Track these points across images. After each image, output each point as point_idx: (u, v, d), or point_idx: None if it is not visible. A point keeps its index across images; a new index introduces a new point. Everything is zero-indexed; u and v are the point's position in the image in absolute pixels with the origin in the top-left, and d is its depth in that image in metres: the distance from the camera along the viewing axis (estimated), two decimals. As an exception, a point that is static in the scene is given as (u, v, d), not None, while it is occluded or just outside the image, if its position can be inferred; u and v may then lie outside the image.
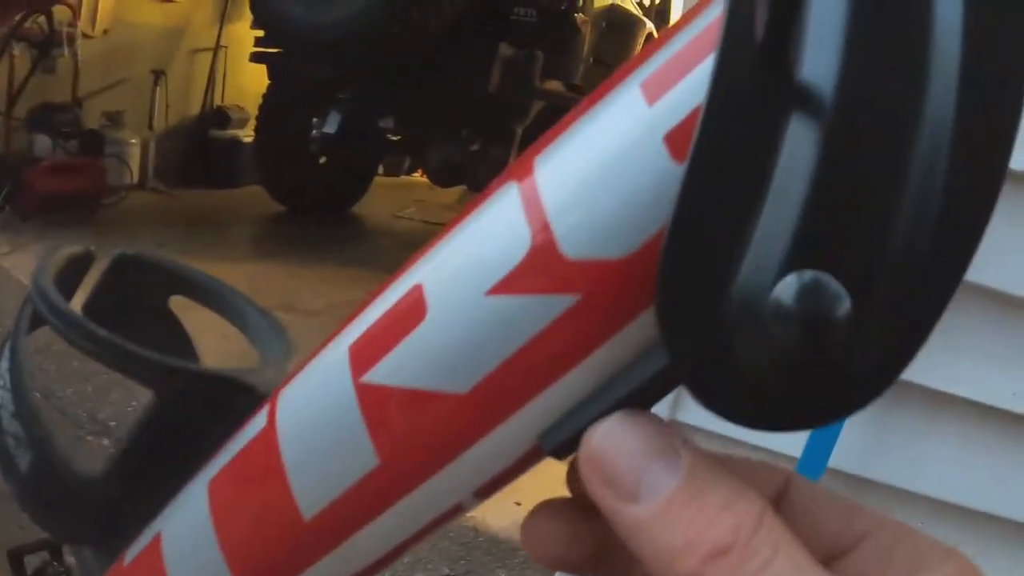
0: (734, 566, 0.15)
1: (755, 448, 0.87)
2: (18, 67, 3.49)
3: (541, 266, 0.17)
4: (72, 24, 3.49)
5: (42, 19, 3.55)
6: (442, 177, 3.93)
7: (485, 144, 3.47)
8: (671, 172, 0.16)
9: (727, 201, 0.15)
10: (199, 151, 4.37)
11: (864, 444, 0.88)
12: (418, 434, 0.19)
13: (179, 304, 0.40)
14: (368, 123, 3.48)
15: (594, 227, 0.17)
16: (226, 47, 4.42)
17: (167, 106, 4.18)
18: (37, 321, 0.32)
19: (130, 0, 3.91)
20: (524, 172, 0.19)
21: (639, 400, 0.17)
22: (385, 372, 0.20)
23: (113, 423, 1.76)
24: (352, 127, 3.40)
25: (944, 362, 0.86)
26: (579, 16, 3.49)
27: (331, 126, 3.39)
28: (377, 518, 0.21)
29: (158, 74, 4.12)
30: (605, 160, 0.17)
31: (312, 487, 0.21)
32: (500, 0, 3.33)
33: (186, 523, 0.25)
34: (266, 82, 3.84)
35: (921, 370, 0.81)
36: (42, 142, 3.41)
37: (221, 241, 3.49)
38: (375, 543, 0.21)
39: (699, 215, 0.15)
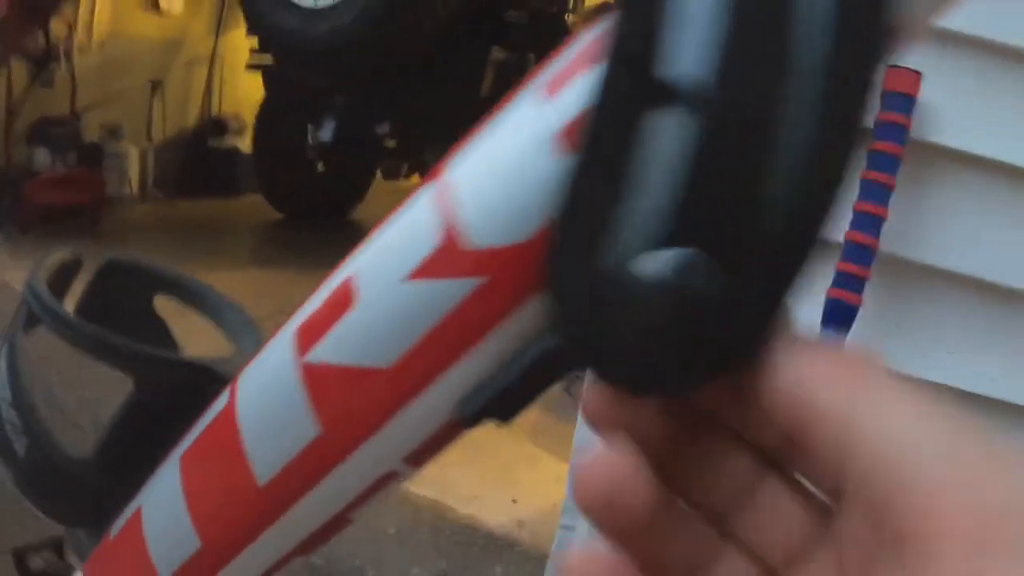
0: None
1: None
2: (16, 81, 3.53)
3: (451, 254, 0.20)
4: (69, 38, 3.53)
5: (39, 33, 3.60)
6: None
7: None
8: (559, 168, 0.19)
9: (599, 189, 0.17)
10: (198, 160, 4.40)
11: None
12: (352, 406, 0.22)
13: (172, 310, 0.43)
14: (364, 129, 3.51)
15: (494, 218, 0.19)
16: (222, 57, 4.45)
17: (165, 117, 4.22)
18: (32, 319, 0.35)
19: (126, 13, 3.94)
20: (439, 172, 0.21)
21: (543, 371, 0.20)
22: (323, 351, 0.22)
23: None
24: (348, 134, 3.43)
25: (922, 350, 0.90)
26: (570, 17, 3.52)
27: (327, 133, 3.43)
28: (322, 482, 0.23)
29: (155, 85, 4.16)
30: (503, 159, 0.20)
31: (264, 456, 0.24)
32: (492, 3, 3.36)
33: (161, 496, 0.28)
34: (262, 91, 3.88)
35: (901, 359, 0.84)
36: (41, 155, 3.45)
37: (221, 249, 3.53)
38: (322, 506, 0.24)
39: (575, 202, 0.18)
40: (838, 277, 0.86)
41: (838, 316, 0.87)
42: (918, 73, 0.85)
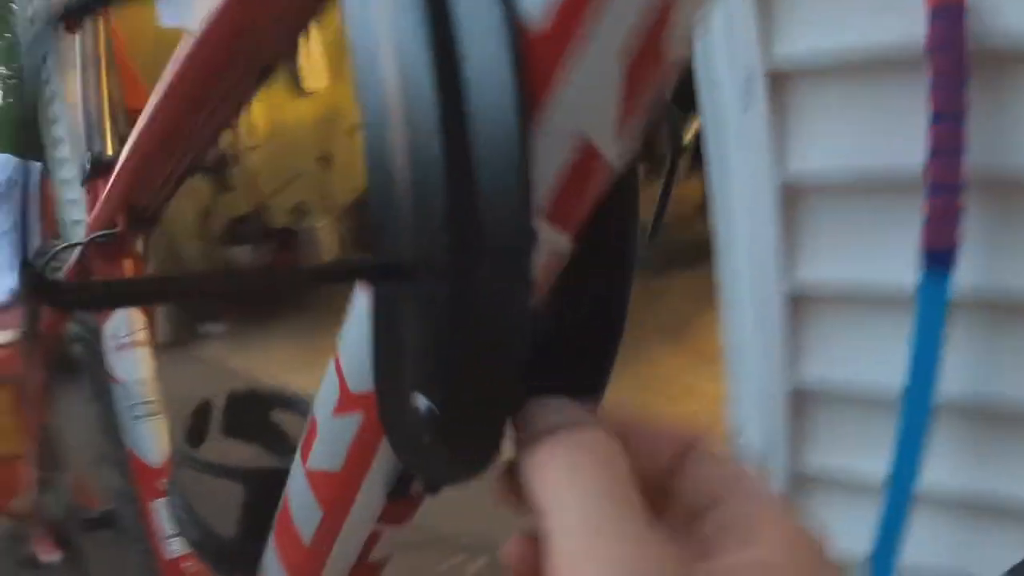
0: None
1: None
2: (201, 193, 4.06)
3: (345, 396, 0.31)
4: (236, 142, 3.97)
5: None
6: None
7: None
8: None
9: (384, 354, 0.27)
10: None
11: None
12: (330, 497, 0.34)
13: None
14: None
15: (359, 374, 0.30)
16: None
17: (340, 186, 4.57)
18: (181, 461, 0.50)
19: (279, 104, 4.29)
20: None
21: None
22: (311, 462, 0.34)
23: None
24: None
25: None
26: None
27: None
28: (335, 543, 0.35)
29: (324, 160, 4.51)
30: (356, 335, 0.30)
31: (303, 526, 0.36)
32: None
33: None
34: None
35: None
36: (241, 253, 3.92)
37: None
38: (343, 558, 0.36)
39: (382, 374, 0.28)
40: (928, 220, 0.81)
41: (937, 262, 0.82)
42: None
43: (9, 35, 4.26)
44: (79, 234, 0.76)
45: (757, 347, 1.01)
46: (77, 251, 0.78)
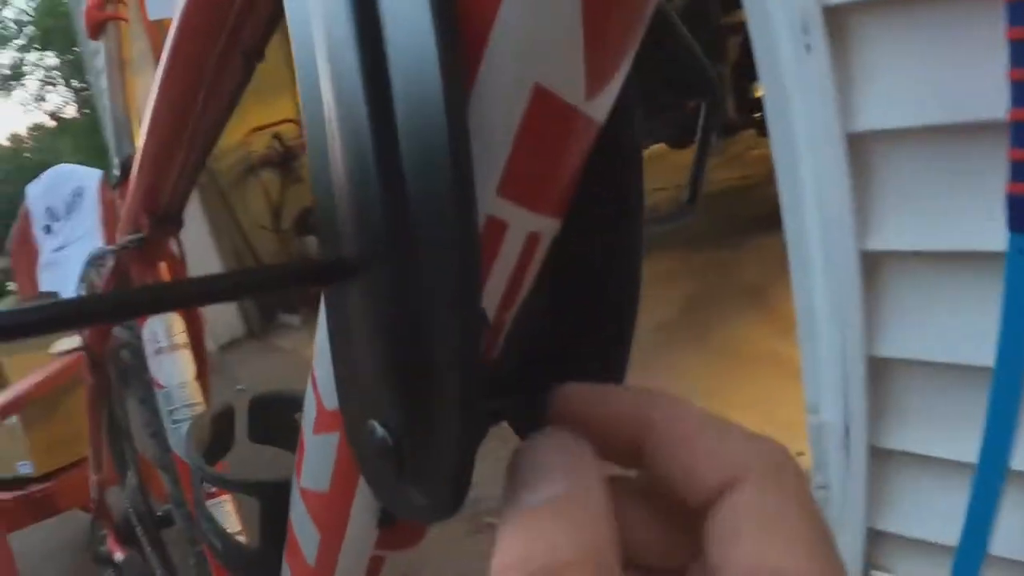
0: None
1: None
2: (270, 187, 4.15)
3: (321, 414, 0.27)
4: (300, 135, 4.05)
5: (275, 142, 4.20)
6: (678, 140, 3.98)
7: (693, 92, 3.46)
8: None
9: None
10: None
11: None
12: (322, 518, 0.30)
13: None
14: None
15: (330, 390, 0.26)
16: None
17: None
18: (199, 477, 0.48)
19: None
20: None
21: None
22: (302, 481, 0.31)
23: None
24: None
25: None
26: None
27: None
28: (337, 569, 0.32)
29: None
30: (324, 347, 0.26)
31: (305, 547, 0.33)
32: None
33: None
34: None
35: None
36: (311, 243, 4.00)
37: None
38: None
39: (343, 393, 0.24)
40: (1014, 168, 0.73)
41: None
42: None
43: (78, 49, 4.45)
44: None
45: (830, 313, 0.93)
46: (111, 258, 0.77)
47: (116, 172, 0.81)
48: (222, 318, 4.14)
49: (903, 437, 0.95)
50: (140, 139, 0.57)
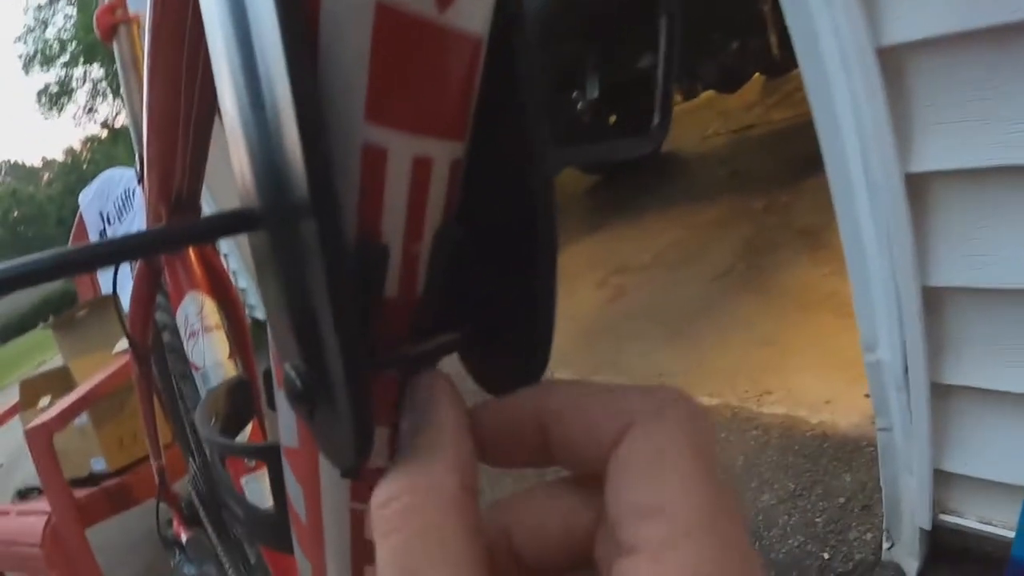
0: None
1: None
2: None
3: (278, 368, 0.26)
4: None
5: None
6: (726, 84, 3.90)
7: (743, 34, 3.41)
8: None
9: None
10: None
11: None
12: (300, 476, 0.30)
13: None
14: (628, 71, 3.46)
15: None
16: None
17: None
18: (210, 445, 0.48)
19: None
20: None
21: None
22: (282, 436, 0.30)
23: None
24: (615, 80, 3.42)
25: None
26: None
27: (592, 91, 3.45)
28: (324, 526, 0.31)
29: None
30: None
31: (296, 505, 0.32)
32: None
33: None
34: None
35: None
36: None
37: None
38: (339, 537, 0.32)
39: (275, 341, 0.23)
40: None
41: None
42: None
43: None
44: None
45: (878, 244, 0.89)
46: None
47: (137, 169, 0.83)
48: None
49: (965, 372, 0.91)
50: (143, 133, 0.58)
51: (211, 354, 0.75)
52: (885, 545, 1.18)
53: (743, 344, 1.98)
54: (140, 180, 0.83)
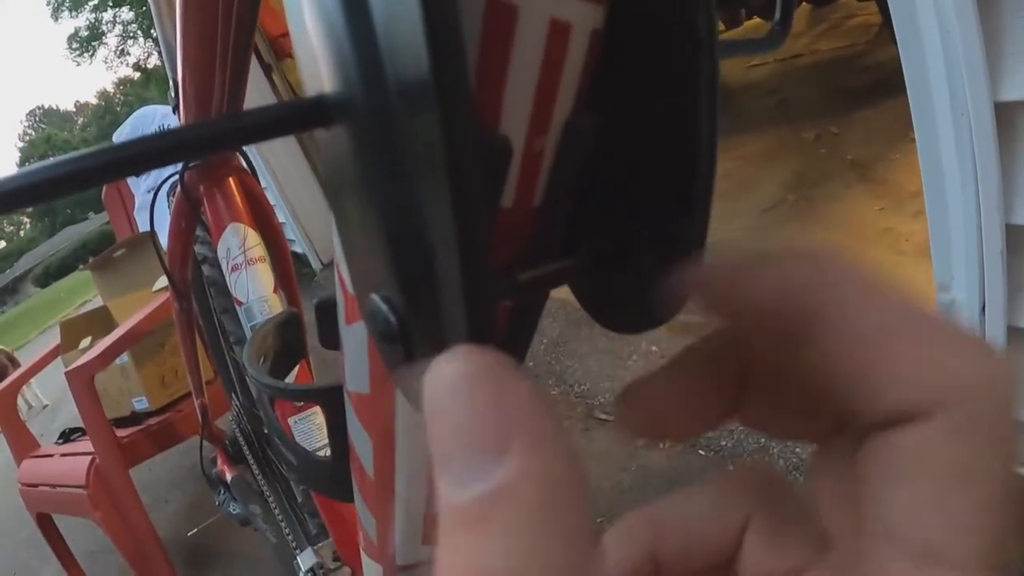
0: None
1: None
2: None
3: (348, 301, 0.23)
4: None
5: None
6: (772, 11, 3.80)
7: None
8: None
9: None
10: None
11: None
12: (371, 424, 0.26)
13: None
14: None
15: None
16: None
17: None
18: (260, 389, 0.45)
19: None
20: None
21: None
22: (348, 382, 0.27)
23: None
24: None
25: None
26: None
27: None
28: (397, 482, 0.27)
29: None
30: None
31: (363, 457, 0.29)
32: None
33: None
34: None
35: None
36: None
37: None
38: (411, 486, 0.28)
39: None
40: None
41: None
42: None
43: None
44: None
45: (961, 177, 0.83)
46: (173, 181, 0.75)
47: (171, 95, 0.79)
48: (325, 236, 4.21)
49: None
50: (178, 55, 0.54)
51: (255, 288, 0.72)
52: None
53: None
54: (175, 109, 0.79)
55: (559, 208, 0.17)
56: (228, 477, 1.19)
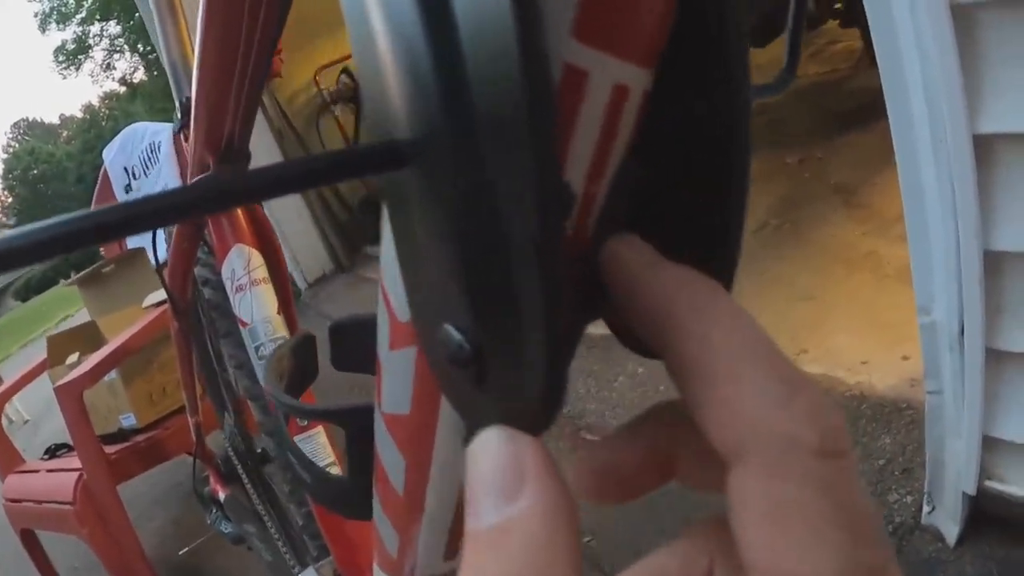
0: None
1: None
2: (344, 122, 4.18)
3: (395, 327, 0.24)
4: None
5: (345, 77, 4.20)
6: (758, 38, 3.80)
7: None
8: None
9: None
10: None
11: None
12: (406, 445, 0.28)
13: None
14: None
15: (403, 301, 0.23)
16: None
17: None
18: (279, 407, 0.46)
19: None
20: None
21: None
22: (383, 405, 0.28)
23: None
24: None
25: None
26: None
27: None
28: (427, 500, 0.29)
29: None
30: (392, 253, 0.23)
31: (393, 476, 0.30)
32: None
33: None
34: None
35: None
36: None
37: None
38: (442, 501, 0.30)
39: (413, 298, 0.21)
40: None
41: None
42: None
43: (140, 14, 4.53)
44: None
45: (941, 205, 0.86)
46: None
47: (178, 116, 0.80)
48: (310, 255, 4.22)
49: (1022, 338, 0.88)
50: (194, 78, 0.55)
51: (259, 308, 0.73)
52: (926, 509, 1.17)
53: (780, 301, 1.95)
54: (180, 129, 0.81)
55: (603, 242, 0.20)
56: (221, 496, 1.19)
